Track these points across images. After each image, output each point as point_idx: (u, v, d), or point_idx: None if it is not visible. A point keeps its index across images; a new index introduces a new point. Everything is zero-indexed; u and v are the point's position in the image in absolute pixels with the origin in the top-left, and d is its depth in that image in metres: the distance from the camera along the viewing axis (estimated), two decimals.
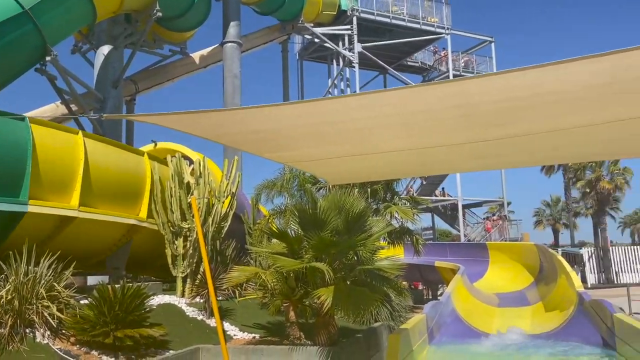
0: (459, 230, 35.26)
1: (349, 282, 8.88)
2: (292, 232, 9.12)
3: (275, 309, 9.51)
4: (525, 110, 3.69)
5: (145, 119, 4.64)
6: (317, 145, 4.82)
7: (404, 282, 25.04)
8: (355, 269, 8.83)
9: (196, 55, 25.30)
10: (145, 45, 22.41)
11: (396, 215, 15.49)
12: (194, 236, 11.26)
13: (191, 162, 12.57)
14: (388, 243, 15.77)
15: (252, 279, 9.60)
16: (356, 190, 11.94)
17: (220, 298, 11.40)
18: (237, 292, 11.20)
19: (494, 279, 19.73)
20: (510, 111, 3.71)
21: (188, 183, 11.83)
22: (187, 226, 11.49)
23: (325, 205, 8.91)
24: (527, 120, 3.90)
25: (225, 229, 11.96)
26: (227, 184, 12.00)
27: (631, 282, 31.69)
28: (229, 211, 11.93)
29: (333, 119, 4.02)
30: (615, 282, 34.71)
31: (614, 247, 38.79)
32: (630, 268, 36.38)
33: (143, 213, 12.02)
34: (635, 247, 40.29)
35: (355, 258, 9.16)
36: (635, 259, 36.86)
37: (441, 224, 43.59)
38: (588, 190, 38.61)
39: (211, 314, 9.82)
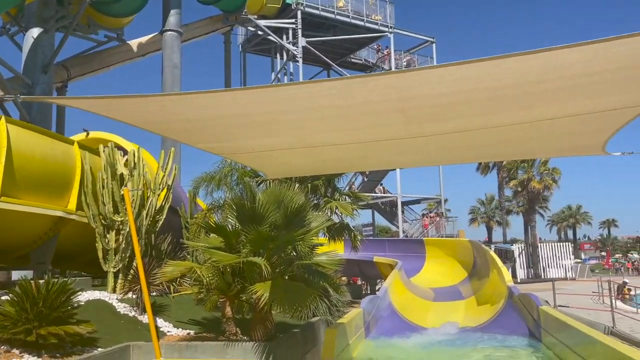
0: (397, 227, 35.96)
1: (286, 277, 8.79)
2: (230, 226, 8.92)
3: (211, 304, 9.28)
4: (462, 105, 3.72)
5: (69, 102, 4.35)
6: (254, 137, 4.68)
7: (343, 278, 25.31)
8: (293, 264, 8.75)
9: (134, 43, 24.37)
10: (79, 29, 21.35)
11: (336, 211, 15.54)
12: (127, 230, 10.81)
13: (125, 152, 12.05)
14: (328, 239, 15.81)
15: (187, 274, 9.32)
16: (296, 185, 11.84)
17: (154, 294, 11.02)
18: (171, 287, 10.86)
19: (430, 274, 20.24)
20: (447, 106, 3.73)
21: (121, 174, 11.34)
22: (119, 219, 11.02)
23: (264, 200, 8.77)
24: (463, 115, 3.93)
25: (161, 222, 11.57)
26: (163, 176, 11.60)
27: (557, 276, 33.48)
28: (165, 204, 11.55)
29: (270, 109, 3.90)
30: (543, 277, 36.53)
31: (542, 244, 40.76)
32: (557, 264, 38.38)
33: (72, 205, 11.42)
34: (561, 243, 42.55)
35: (294, 253, 9.08)
36: (561, 255, 38.93)
37: (381, 220, 44.41)
38: (520, 189, 40.40)
39: (144, 310, 9.46)
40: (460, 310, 13.49)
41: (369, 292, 24.92)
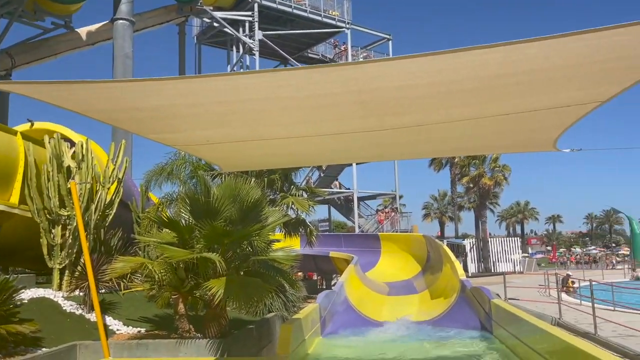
0: (353, 222, 36.20)
1: (242, 273, 8.64)
2: (184, 221, 8.69)
3: (163, 301, 9.04)
4: (421, 99, 3.70)
5: (13, 87, 4.06)
6: (209, 128, 4.52)
7: (299, 273, 25.26)
8: (249, 260, 8.62)
9: (83, 31, 23.45)
10: (24, 16, 20.36)
11: (292, 206, 15.46)
12: (74, 224, 10.38)
13: (73, 144, 11.54)
14: (284, 234, 15.72)
15: (138, 270, 9.03)
16: (252, 179, 11.68)
17: (102, 291, 10.64)
18: (122, 284, 10.51)
19: (385, 268, 20.47)
20: (406, 99, 3.70)
21: (68, 167, 10.86)
22: (66, 214, 10.56)
23: (219, 194, 8.58)
24: (422, 109, 3.92)
25: (111, 217, 11.17)
26: (113, 169, 11.19)
27: (506, 270, 34.57)
28: (115, 198, 11.15)
29: (226, 98, 3.76)
30: (493, 270, 37.64)
31: (492, 239, 41.97)
32: (506, 258, 39.63)
33: (14, 198, 10.86)
34: (510, 238, 43.94)
35: (250, 248, 8.95)
36: (510, 250, 40.22)
37: (337, 216, 44.59)
38: (472, 185, 41.41)
39: (91, 308, 9.11)
40: (414, 304, 13.68)
41: (324, 287, 24.97)
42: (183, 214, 8.74)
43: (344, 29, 34.73)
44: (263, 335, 9.64)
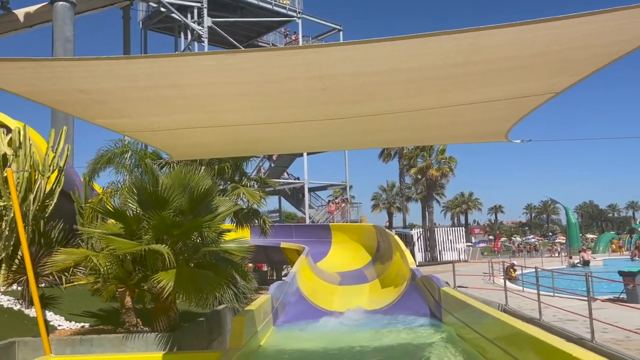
0: (304, 213, 36.20)
1: (192, 265, 8.42)
2: (131, 211, 8.35)
3: (108, 294, 8.68)
4: (382, 86, 3.64)
5: None
6: (159, 113, 4.28)
7: (250, 264, 25.02)
8: (199, 251, 8.39)
9: (20, 12, 22.17)
10: None
11: (243, 197, 15.23)
12: (11, 215, 9.79)
13: (9, 130, 10.87)
14: (235, 225, 15.48)
15: (82, 263, 8.62)
16: (203, 167, 11.38)
17: (42, 285, 10.14)
18: (64, 278, 10.04)
19: (336, 258, 20.55)
20: (368, 87, 3.63)
21: (5, 154, 10.22)
22: (2, 204, 9.95)
23: (168, 183, 8.29)
24: (382, 98, 3.86)
25: (51, 207, 10.62)
26: (54, 156, 10.62)
27: (451, 259, 35.56)
28: (55, 188, 10.59)
29: (178, 82, 3.56)
30: (439, 259, 38.66)
31: (438, 229, 43.05)
32: (451, 247, 40.78)
33: None
34: (455, 228, 45.21)
35: (200, 240, 8.72)
36: (455, 239, 41.40)
37: (287, 206, 44.48)
38: (419, 176, 42.27)
39: (31, 303, 8.65)
40: (365, 293, 13.79)
41: (275, 278, 24.86)
42: (130, 204, 8.40)
43: (294, 18, 34.46)
44: (214, 328, 9.45)
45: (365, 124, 4.67)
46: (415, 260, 24.51)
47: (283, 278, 14.24)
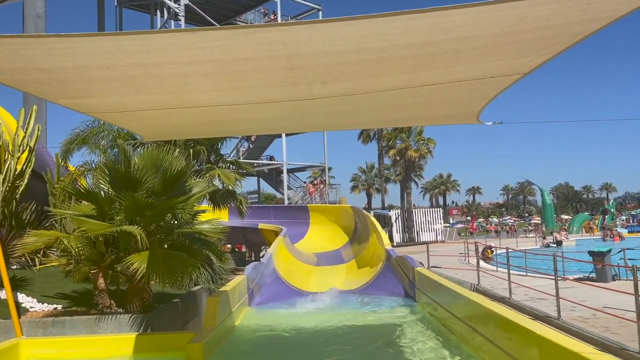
0: (282, 194, 36.20)
1: (166, 246, 8.37)
2: (103, 192, 8.24)
3: (81, 276, 8.61)
4: (350, 66, 3.62)
5: None
6: (125, 94, 4.19)
7: (228, 245, 24.99)
8: (173, 233, 8.35)
9: None
10: None
11: (219, 179, 15.12)
12: None
13: None
14: (212, 206, 15.39)
15: (54, 245, 8.51)
16: (177, 150, 11.25)
17: (14, 267, 10.00)
18: (36, 259, 9.90)
19: (313, 239, 20.65)
20: (335, 67, 3.61)
21: None
22: None
23: (141, 164, 8.19)
24: (350, 77, 3.84)
25: (22, 188, 10.40)
26: (24, 136, 10.38)
27: (429, 240, 36.02)
28: (26, 168, 10.37)
29: (142, 61, 3.49)
30: (417, 240, 39.11)
31: (416, 210, 43.47)
32: (429, 228, 41.27)
33: None
34: (433, 209, 45.71)
35: (174, 221, 8.66)
36: (432, 220, 41.88)
37: (266, 188, 44.46)
38: (398, 158, 42.48)
39: (1, 285, 8.51)
40: (341, 274, 13.92)
41: (253, 259, 24.91)
42: (102, 185, 8.29)
43: None
44: (189, 309, 9.46)
45: (336, 105, 4.66)
46: (393, 241, 24.72)
47: (261, 259, 14.27)
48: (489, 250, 21.06)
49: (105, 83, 3.86)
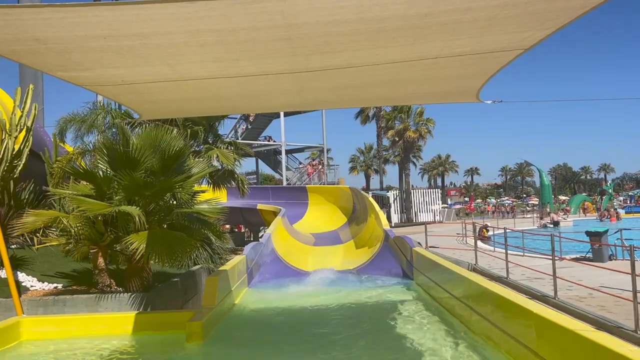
0: (281, 175, 36.20)
1: (165, 226, 8.39)
2: (101, 172, 8.23)
3: (80, 255, 8.63)
4: (349, 37, 3.57)
5: None
6: (122, 66, 4.14)
7: (227, 225, 25.06)
8: (172, 213, 8.36)
9: None
10: None
11: (217, 159, 15.12)
12: None
13: None
14: (212, 187, 15.41)
15: (52, 224, 8.53)
16: (175, 130, 11.20)
17: (13, 246, 10.04)
18: (35, 239, 9.92)
19: (312, 220, 20.72)
20: (334, 37, 3.56)
21: None
22: None
23: (139, 144, 8.17)
24: (350, 49, 3.80)
25: (20, 168, 10.38)
26: (21, 115, 10.32)
27: (427, 220, 36.17)
28: (24, 148, 10.33)
29: (138, 31, 3.44)
30: (415, 220, 39.28)
31: (414, 191, 43.58)
32: (427, 209, 41.40)
33: None
34: (431, 190, 45.82)
35: (173, 201, 8.67)
36: (431, 201, 42.01)
37: (265, 169, 44.41)
38: (397, 139, 42.40)
39: (1, 264, 8.55)
40: (339, 254, 13.99)
41: (252, 239, 25.02)
42: (100, 165, 8.27)
43: None
44: (189, 288, 9.52)
45: (335, 78, 4.61)
46: (391, 222, 24.76)
47: (260, 239, 14.34)
48: (484, 230, 21.15)
49: (102, 54, 3.82)
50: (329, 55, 3.91)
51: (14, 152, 10.11)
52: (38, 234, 9.49)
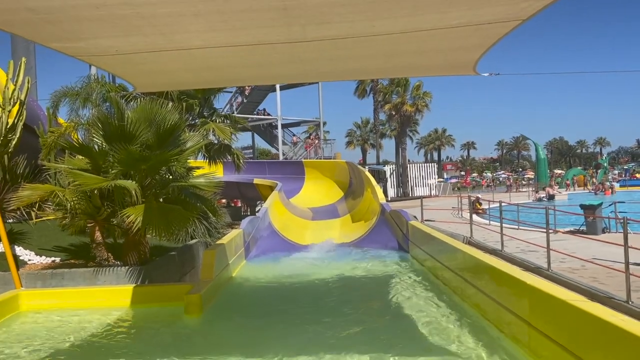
0: (277, 149, 36.13)
1: (161, 200, 8.40)
2: (97, 146, 8.20)
3: (76, 229, 8.66)
4: (346, 7, 3.50)
5: None
6: (115, 35, 4.07)
7: (223, 200, 25.09)
8: (168, 186, 8.36)
9: None
10: None
11: (213, 133, 15.06)
12: None
13: None
14: (208, 161, 15.39)
15: (48, 199, 8.52)
16: (170, 103, 11.12)
17: (10, 220, 10.04)
18: (32, 213, 9.92)
19: (309, 194, 20.77)
20: (331, 7, 3.49)
21: None
22: None
23: (134, 117, 8.12)
24: (346, 20, 3.73)
25: (14, 142, 10.30)
26: (14, 89, 10.21)
27: (423, 194, 36.33)
28: (18, 122, 10.25)
29: (132, 0, 3.39)
30: (411, 195, 39.42)
31: (410, 165, 43.61)
32: (423, 183, 41.51)
33: None
34: (427, 164, 45.87)
35: (169, 175, 8.67)
36: (427, 175, 42.09)
37: (261, 143, 44.32)
38: (394, 113, 42.23)
39: None
40: (336, 228, 14.08)
41: (248, 213, 25.10)
42: (95, 139, 8.23)
43: None
44: (186, 262, 9.59)
45: (331, 49, 4.56)
46: (387, 196, 24.86)
47: (257, 214, 14.40)
48: (477, 203, 21.28)
49: (95, 23, 3.76)
50: (325, 25, 3.85)
51: (7, 126, 10.02)
52: (34, 209, 9.48)
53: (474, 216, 15.98)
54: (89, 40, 4.09)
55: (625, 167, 63.42)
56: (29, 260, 8.77)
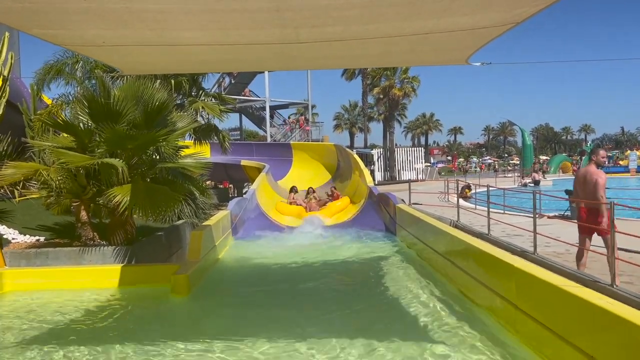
0: (265, 131, 35.90)
1: (148, 180, 8.31)
2: (82, 124, 8.05)
3: (61, 208, 8.54)
4: (339, 11, 3.43)
5: None
6: (104, 28, 3.95)
7: (210, 181, 24.92)
8: (156, 167, 8.26)
9: None
10: None
11: (202, 113, 14.89)
12: None
13: None
14: (194, 141, 15.24)
15: (33, 177, 8.38)
16: (158, 81, 10.94)
17: None
18: (16, 192, 9.77)
19: (296, 176, 20.69)
20: (325, 10, 3.41)
21: None
22: None
23: (121, 95, 7.98)
24: (340, 22, 3.65)
25: None
26: None
27: (410, 178, 36.44)
28: (0, 99, 10.04)
29: None
30: (398, 178, 39.53)
31: (398, 149, 43.66)
32: (410, 167, 41.63)
33: None
34: (414, 149, 45.96)
35: (157, 155, 8.55)
36: (414, 159, 42.21)
37: (249, 125, 43.97)
38: (382, 96, 42.12)
39: None
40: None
41: (236, 195, 24.98)
42: (81, 117, 8.08)
43: None
44: (173, 242, 9.53)
45: (324, 50, 4.48)
46: (374, 180, 25.06)
47: (244, 195, 14.32)
48: (467, 190, 21.38)
49: (82, 16, 3.64)
50: (318, 28, 3.76)
51: None
52: (18, 187, 9.33)
53: (461, 200, 16.05)
54: (75, 30, 3.98)
55: (609, 154, 64.12)
56: (13, 239, 8.65)
